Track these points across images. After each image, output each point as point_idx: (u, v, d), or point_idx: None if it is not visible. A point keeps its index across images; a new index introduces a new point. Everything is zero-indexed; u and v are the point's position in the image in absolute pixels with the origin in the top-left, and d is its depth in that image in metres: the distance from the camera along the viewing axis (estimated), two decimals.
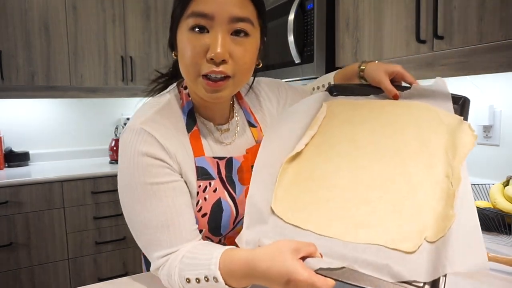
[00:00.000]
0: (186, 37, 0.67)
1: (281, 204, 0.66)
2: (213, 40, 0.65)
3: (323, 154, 0.71)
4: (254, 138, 0.84)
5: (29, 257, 2.03)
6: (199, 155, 0.74)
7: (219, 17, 0.65)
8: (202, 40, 0.66)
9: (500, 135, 1.34)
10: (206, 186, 0.74)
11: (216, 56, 0.64)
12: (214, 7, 0.65)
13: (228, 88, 0.69)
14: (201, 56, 0.66)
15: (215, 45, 0.65)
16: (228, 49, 0.66)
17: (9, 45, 2.15)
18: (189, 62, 0.67)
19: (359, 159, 0.68)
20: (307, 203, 0.65)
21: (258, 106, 0.89)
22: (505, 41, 0.92)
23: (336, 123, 0.76)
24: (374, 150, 0.69)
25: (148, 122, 0.71)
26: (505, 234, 1.01)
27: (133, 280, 0.78)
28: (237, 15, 0.66)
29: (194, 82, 0.69)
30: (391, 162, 0.66)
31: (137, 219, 0.68)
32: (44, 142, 2.59)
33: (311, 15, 1.48)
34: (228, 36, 0.66)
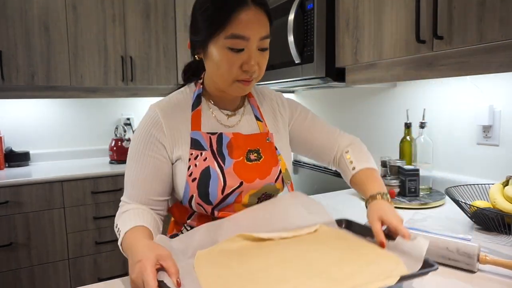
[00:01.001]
0: (224, 54, 0.82)
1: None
2: (249, 58, 0.82)
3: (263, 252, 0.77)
4: (259, 129, 0.97)
5: (29, 257, 2.03)
6: (195, 129, 0.90)
7: (253, 38, 0.81)
8: (239, 57, 0.82)
9: (500, 135, 1.34)
10: (198, 155, 0.88)
11: (251, 70, 0.83)
12: (249, 30, 0.80)
13: (252, 85, 0.89)
14: (237, 67, 0.83)
15: (250, 61, 0.82)
16: (257, 61, 0.84)
17: (9, 45, 2.15)
18: (226, 73, 0.83)
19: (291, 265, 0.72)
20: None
21: (269, 108, 1.03)
22: (505, 41, 0.92)
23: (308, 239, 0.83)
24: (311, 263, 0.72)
25: (161, 102, 0.91)
26: (505, 234, 1.01)
27: None
28: (265, 34, 0.83)
29: (229, 86, 0.86)
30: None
31: (126, 170, 0.90)
32: (44, 142, 2.59)
33: (311, 15, 1.48)
34: (257, 51, 0.84)
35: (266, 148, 0.95)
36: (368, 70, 1.37)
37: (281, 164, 0.95)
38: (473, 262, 0.79)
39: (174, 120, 0.89)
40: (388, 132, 1.80)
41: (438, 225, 1.12)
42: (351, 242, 0.80)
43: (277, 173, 0.94)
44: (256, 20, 0.81)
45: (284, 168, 0.96)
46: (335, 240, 0.81)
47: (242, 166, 0.90)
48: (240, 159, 0.90)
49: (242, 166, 0.90)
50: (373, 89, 1.88)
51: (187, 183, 0.87)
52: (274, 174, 0.93)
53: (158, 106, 0.90)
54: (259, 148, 0.94)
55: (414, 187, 1.38)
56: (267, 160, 0.93)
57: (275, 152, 0.96)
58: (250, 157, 0.92)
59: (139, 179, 0.87)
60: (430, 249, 0.84)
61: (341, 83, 1.55)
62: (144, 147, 0.88)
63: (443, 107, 1.54)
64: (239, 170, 0.89)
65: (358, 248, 0.77)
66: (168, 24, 2.60)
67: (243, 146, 0.92)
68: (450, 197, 1.13)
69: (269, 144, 0.96)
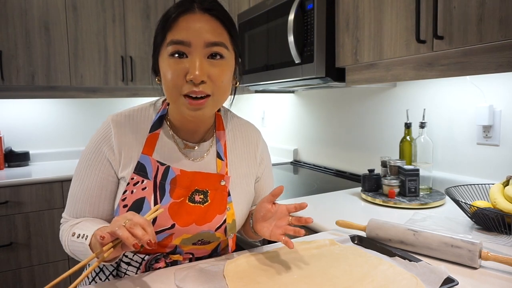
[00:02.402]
0: (167, 63, 0.76)
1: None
2: (192, 64, 0.74)
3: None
4: (216, 169, 0.88)
5: (29, 257, 2.03)
6: (146, 154, 0.83)
7: (195, 43, 0.74)
8: (182, 64, 0.74)
9: (500, 135, 1.34)
10: (138, 182, 0.81)
11: (195, 78, 0.73)
12: (190, 35, 0.74)
13: (208, 107, 0.78)
14: (181, 78, 0.74)
15: (193, 68, 0.73)
16: (206, 71, 0.75)
17: (9, 45, 2.15)
18: (170, 84, 0.76)
19: None
20: None
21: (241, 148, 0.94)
22: (505, 41, 0.92)
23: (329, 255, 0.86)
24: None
25: (119, 116, 0.85)
26: (505, 234, 1.01)
27: (133, 280, 0.78)
28: (212, 40, 0.75)
29: (176, 102, 0.77)
30: None
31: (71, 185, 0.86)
32: (44, 142, 2.59)
33: (311, 15, 1.48)
34: (205, 59, 0.75)
35: (217, 192, 0.85)
36: (368, 70, 1.37)
37: (228, 213, 0.85)
38: (475, 259, 0.80)
39: (127, 138, 0.83)
40: (388, 132, 1.80)
41: (438, 225, 1.12)
42: (368, 259, 0.82)
43: (221, 222, 0.84)
44: (200, 25, 0.75)
45: (231, 218, 0.85)
46: (353, 257, 0.84)
47: (180, 207, 0.82)
48: (180, 200, 0.82)
49: (180, 207, 0.82)
50: (373, 89, 1.88)
51: (118, 207, 0.80)
52: (216, 222, 0.84)
53: (114, 119, 0.84)
54: (208, 190, 0.85)
55: (414, 187, 1.38)
56: (213, 205, 0.84)
57: (226, 198, 0.86)
58: (194, 198, 0.83)
59: (84, 197, 0.83)
60: (433, 245, 0.85)
61: (341, 83, 1.55)
62: (91, 163, 0.83)
63: (443, 107, 1.54)
64: (175, 211, 0.81)
65: (376, 265, 0.79)
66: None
67: (189, 185, 0.83)
68: (450, 197, 1.13)
69: (222, 187, 0.86)
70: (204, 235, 0.84)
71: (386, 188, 1.42)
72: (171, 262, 0.85)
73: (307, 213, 1.25)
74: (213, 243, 0.88)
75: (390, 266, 0.78)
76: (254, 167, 0.95)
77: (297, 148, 2.48)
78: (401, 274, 0.74)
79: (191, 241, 0.84)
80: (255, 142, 0.97)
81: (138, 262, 0.83)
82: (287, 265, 0.79)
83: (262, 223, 0.83)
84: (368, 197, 1.42)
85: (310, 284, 0.71)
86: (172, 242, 0.83)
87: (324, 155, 2.23)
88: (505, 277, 0.77)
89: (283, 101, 2.62)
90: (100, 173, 0.83)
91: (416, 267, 0.76)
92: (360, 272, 0.76)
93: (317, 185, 1.80)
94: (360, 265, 0.79)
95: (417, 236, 0.87)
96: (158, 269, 0.82)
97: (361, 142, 1.96)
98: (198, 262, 0.85)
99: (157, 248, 0.83)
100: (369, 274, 0.75)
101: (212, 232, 0.84)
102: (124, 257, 0.84)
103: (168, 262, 0.84)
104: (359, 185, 1.70)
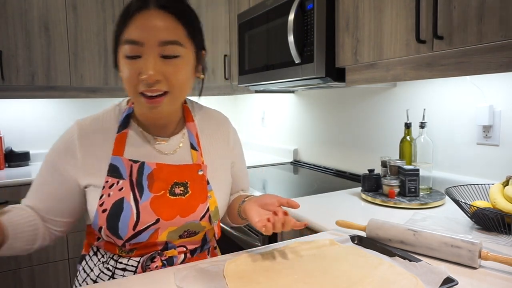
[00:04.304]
0: (123, 62, 0.76)
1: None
2: (145, 64, 0.74)
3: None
4: (192, 160, 0.89)
5: (29, 257, 2.03)
6: (116, 155, 0.82)
7: (149, 43, 0.73)
8: (136, 65, 0.74)
9: (500, 135, 1.34)
10: (114, 184, 0.80)
11: (148, 78, 0.73)
12: (143, 35, 0.73)
13: (166, 104, 0.78)
14: (136, 77, 0.75)
15: (146, 69, 0.73)
16: (160, 70, 0.74)
17: (9, 45, 2.15)
18: (127, 82, 0.77)
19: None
20: None
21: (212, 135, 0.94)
22: (505, 41, 0.92)
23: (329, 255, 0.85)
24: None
25: (85, 120, 0.86)
26: (505, 234, 1.01)
27: (133, 280, 0.78)
28: (165, 39, 0.74)
29: (135, 100, 0.79)
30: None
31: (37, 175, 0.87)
32: (44, 142, 2.59)
33: (311, 15, 1.48)
34: (158, 58, 0.75)
35: (196, 182, 0.85)
36: (368, 70, 1.37)
37: (210, 201, 0.86)
38: (475, 259, 0.80)
39: (93, 143, 0.82)
40: (388, 132, 1.80)
41: (438, 225, 1.12)
42: (368, 259, 0.83)
43: (204, 211, 0.85)
44: (154, 23, 0.74)
45: (213, 206, 0.86)
46: (353, 257, 0.84)
47: (161, 201, 0.81)
48: (160, 193, 0.82)
49: (161, 201, 0.81)
50: (373, 89, 1.88)
51: (97, 213, 0.79)
52: (200, 211, 0.84)
53: (79, 124, 0.85)
54: (187, 181, 0.85)
55: (414, 187, 1.38)
56: (194, 195, 0.85)
57: (206, 187, 0.87)
58: (174, 191, 0.83)
59: (38, 186, 0.85)
60: (433, 245, 0.85)
61: (341, 83, 1.55)
62: (51, 168, 0.84)
63: (443, 107, 1.54)
64: (157, 205, 0.81)
65: (376, 265, 0.79)
66: None
67: (167, 178, 0.83)
68: (450, 197, 1.13)
69: (201, 177, 0.86)
70: (190, 226, 0.84)
71: (386, 188, 1.42)
72: (166, 259, 0.85)
73: (307, 213, 1.25)
74: (200, 234, 0.88)
75: (390, 266, 0.78)
76: (228, 152, 0.97)
77: (297, 148, 2.48)
78: (401, 274, 0.74)
79: (177, 233, 0.84)
80: (226, 129, 0.98)
81: (133, 266, 0.83)
82: (287, 265, 0.79)
83: (255, 206, 0.81)
84: (368, 197, 1.42)
85: (310, 284, 0.71)
86: (158, 238, 0.83)
87: (324, 155, 2.23)
88: (505, 277, 0.77)
89: (283, 101, 2.62)
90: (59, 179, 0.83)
91: (416, 267, 0.76)
92: (360, 272, 0.76)
93: (317, 185, 1.80)
94: (360, 265, 0.79)
95: (417, 236, 0.87)
96: (156, 269, 0.82)
97: (361, 142, 1.96)
98: (198, 262, 0.85)
99: (148, 248, 0.84)
100: (369, 274, 0.75)
101: (197, 222, 0.84)
102: (118, 263, 0.84)
103: (163, 260, 0.84)
104: (359, 185, 1.70)
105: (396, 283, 0.70)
